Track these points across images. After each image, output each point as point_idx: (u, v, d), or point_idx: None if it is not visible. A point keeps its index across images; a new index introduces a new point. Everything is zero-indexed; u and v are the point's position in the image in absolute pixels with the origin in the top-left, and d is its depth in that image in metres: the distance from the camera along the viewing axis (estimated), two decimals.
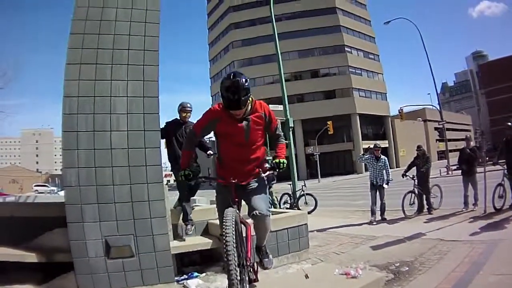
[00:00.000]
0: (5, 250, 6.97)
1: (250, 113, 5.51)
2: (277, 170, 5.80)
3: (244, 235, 5.46)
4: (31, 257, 6.87)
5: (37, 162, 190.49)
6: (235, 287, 4.49)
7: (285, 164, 5.74)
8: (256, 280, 6.03)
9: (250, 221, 5.61)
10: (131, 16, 7.03)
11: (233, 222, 4.78)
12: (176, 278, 7.23)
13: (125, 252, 6.51)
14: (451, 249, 9.35)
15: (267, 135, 6.15)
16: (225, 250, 4.58)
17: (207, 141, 8.33)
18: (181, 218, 8.63)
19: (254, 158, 5.77)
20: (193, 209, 8.90)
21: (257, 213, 5.49)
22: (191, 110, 9.13)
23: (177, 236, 8.41)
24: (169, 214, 7.83)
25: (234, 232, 4.68)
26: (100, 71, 6.73)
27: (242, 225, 5.46)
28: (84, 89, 6.62)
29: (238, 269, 4.59)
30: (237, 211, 5.29)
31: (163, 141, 8.47)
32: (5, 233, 7.36)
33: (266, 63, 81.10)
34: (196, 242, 8.06)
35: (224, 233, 4.67)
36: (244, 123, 5.48)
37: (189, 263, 8.20)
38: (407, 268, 8.10)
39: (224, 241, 4.62)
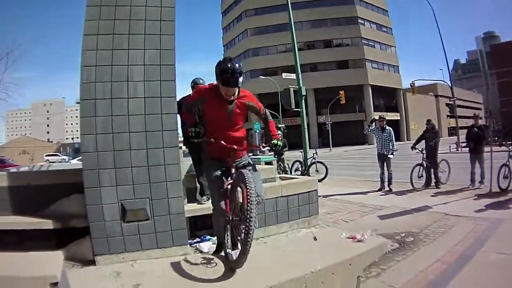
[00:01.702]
0: (22, 219, 7.13)
1: (236, 97, 6.08)
2: (274, 149, 6.46)
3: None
4: (47, 224, 6.98)
5: (48, 132, 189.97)
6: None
7: (280, 146, 6.39)
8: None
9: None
10: None
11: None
12: (189, 241, 7.41)
13: (141, 215, 6.67)
14: (455, 223, 9.65)
15: (258, 117, 6.72)
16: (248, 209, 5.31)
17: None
18: (198, 192, 8.83)
19: (237, 137, 6.35)
20: None
21: (260, 200, 5.98)
22: None
23: (190, 200, 8.62)
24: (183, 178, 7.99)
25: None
26: (117, 41, 6.84)
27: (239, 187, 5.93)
28: (102, 59, 6.74)
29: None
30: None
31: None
32: (22, 201, 7.54)
33: (279, 32, 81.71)
34: (209, 206, 8.12)
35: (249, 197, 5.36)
36: (230, 105, 6.05)
37: (202, 226, 8.35)
38: (412, 239, 8.39)
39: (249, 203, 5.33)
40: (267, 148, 6.76)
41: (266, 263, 5.73)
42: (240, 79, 5.81)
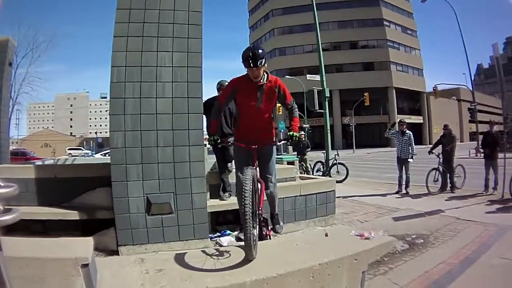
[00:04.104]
0: (49, 209, 7.49)
1: (265, 83, 6.38)
2: (290, 141, 6.67)
3: (259, 189, 6.38)
4: (73, 215, 7.37)
5: (71, 126, 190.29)
6: (248, 230, 5.46)
7: (297, 137, 6.53)
8: (269, 237, 7.10)
9: None
10: None
11: (251, 180, 5.67)
12: (210, 235, 7.75)
13: (165, 209, 7.01)
14: (465, 228, 9.87)
15: (284, 108, 6.95)
16: (242, 203, 5.51)
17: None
18: (220, 188, 9.15)
19: (264, 124, 6.67)
20: (230, 172, 9.32)
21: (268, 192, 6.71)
22: None
23: (213, 196, 8.93)
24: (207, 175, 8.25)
25: (251, 188, 5.61)
26: (146, 43, 7.17)
27: (258, 183, 6.32)
28: (132, 60, 7.07)
29: (251, 219, 5.55)
30: (255, 171, 6.28)
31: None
32: (49, 193, 7.90)
33: (306, 32, 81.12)
34: (230, 202, 8.49)
35: (243, 189, 5.54)
36: (259, 90, 6.37)
37: (223, 222, 8.67)
38: (422, 241, 8.64)
39: (243, 196, 5.51)
40: (283, 142, 7.31)
41: (278, 255, 6.00)
42: (262, 60, 6.11)
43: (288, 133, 6.56)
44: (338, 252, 6.11)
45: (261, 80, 6.34)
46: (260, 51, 6.15)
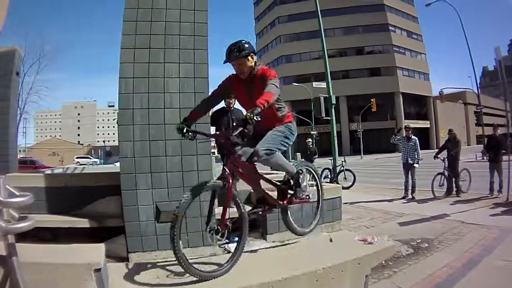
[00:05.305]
0: (59, 217, 7.57)
1: (254, 76, 6.18)
2: (246, 126, 5.46)
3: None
4: (83, 223, 7.43)
5: (78, 135, 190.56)
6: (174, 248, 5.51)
7: (252, 119, 5.27)
8: (290, 203, 6.96)
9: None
10: (180, 4, 7.52)
11: (191, 194, 5.76)
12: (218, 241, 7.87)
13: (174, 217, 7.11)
14: (469, 231, 10.06)
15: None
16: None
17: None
18: None
19: (268, 116, 6.34)
20: (238, 180, 9.38)
21: (255, 159, 6.27)
22: None
23: (221, 204, 9.03)
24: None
25: (188, 200, 5.75)
26: (153, 55, 7.26)
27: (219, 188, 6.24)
28: (139, 71, 7.17)
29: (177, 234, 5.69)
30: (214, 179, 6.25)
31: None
32: (58, 201, 7.96)
33: (312, 39, 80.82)
34: None
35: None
36: (248, 85, 6.23)
37: (232, 229, 8.78)
38: (427, 245, 8.82)
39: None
40: (238, 130, 5.78)
41: (283, 260, 6.17)
42: (238, 53, 5.91)
43: (244, 114, 5.48)
44: (341, 256, 6.24)
45: (251, 74, 6.17)
46: (239, 44, 5.99)
